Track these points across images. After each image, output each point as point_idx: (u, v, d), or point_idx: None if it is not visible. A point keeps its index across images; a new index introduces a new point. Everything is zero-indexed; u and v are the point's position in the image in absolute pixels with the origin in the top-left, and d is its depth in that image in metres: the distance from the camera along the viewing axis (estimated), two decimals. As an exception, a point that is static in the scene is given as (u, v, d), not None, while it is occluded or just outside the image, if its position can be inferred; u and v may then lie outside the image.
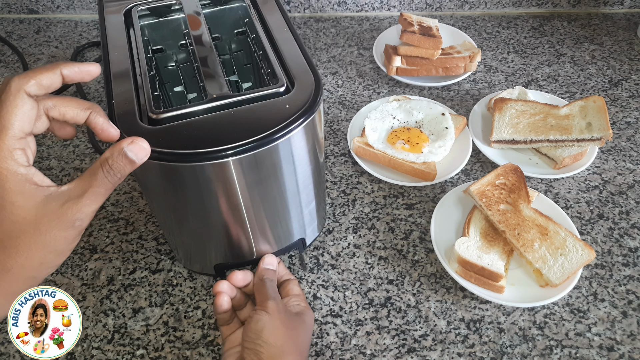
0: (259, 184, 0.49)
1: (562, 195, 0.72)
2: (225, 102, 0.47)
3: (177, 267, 0.64)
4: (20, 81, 0.36)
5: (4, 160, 0.35)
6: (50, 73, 0.37)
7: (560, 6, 1.08)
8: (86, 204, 0.37)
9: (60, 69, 0.38)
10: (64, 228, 0.37)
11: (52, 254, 0.37)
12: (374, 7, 1.07)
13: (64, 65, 0.38)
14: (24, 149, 0.37)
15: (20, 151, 0.36)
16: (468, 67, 0.88)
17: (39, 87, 0.37)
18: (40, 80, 0.37)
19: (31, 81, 0.36)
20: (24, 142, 0.37)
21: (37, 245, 0.36)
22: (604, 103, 0.76)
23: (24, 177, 0.36)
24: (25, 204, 0.36)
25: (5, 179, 0.36)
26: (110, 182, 0.38)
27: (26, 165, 0.37)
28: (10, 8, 1.08)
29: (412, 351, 0.56)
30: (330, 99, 0.88)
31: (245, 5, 0.61)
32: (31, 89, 0.36)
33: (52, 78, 0.37)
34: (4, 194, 0.36)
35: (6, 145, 0.35)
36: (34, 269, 0.37)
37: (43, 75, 0.37)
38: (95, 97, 0.89)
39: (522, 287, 0.60)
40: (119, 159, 0.38)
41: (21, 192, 0.36)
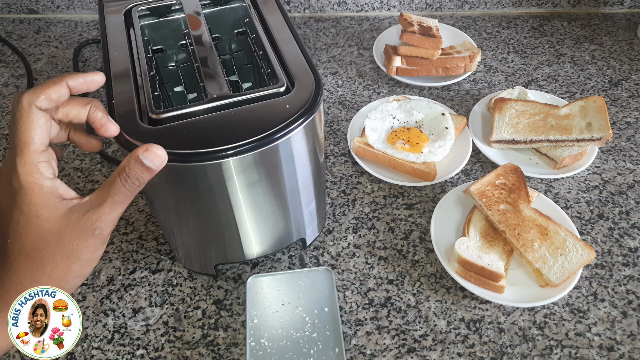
0: (259, 184, 0.49)
1: (562, 195, 0.72)
2: (225, 102, 0.47)
3: (177, 267, 0.64)
4: (30, 97, 0.37)
5: (30, 174, 0.37)
6: (58, 86, 0.38)
7: (560, 6, 1.08)
8: (105, 212, 0.38)
9: (66, 81, 0.39)
10: (85, 237, 0.38)
11: (76, 263, 0.38)
12: (374, 7, 1.07)
13: (70, 77, 0.39)
14: (48, 161, 0.38)
15: (45, 164, 0.38)
16: (468, 67, 0.88)
17: (49, 101, 0.38)
18: (50, 94, 0.38)
19: (41, 96, 0.37)
20: (47, 155, 0.38)
21: (62, 255, 0.38)
22: (604, 103, 0.76)
23: (50, 190, 0.38)
24: (49, 216, 0.37)
25: (32, 192, 0.37)
26: (128, 190, 0.39)
27: (51, 178, 0.38)
28: (10, 8, 1.08)
29: (412, 351, 0.57)
30: (330, 99, 0.88)
31: (245, 5, 0.61)
32: (42, 104, 0.37)
33: (59, 91, 0.38)
34: (30, 208, 0.37)
35: (31, 160, 0.37)
36: (60, 280, 0.38)
37: (51, 89, 0.38)
38: (96, 97, 0.89)
39: (522, 287, 0.60)
40: (135, 167, 0.39)
41: (46, 205, 0.37)
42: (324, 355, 0.52)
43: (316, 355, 0.52)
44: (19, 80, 0.93)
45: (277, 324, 0.55)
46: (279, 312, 0.56)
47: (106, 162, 0.78)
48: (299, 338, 0.53)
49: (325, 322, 0.54)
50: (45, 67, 0.96)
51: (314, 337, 0.53)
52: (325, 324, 0.54)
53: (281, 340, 0.53)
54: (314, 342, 0.53)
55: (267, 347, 0.53)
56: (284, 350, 0.52)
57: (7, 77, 0.94)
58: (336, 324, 0.54)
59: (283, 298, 0.57)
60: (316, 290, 0.57)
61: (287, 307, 0.56)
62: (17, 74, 0.95)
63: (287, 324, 0.55)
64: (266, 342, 0.53)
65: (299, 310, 0.56)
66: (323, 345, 0.52)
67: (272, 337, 0.54)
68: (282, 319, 0.55)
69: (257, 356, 0.52)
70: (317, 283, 0.58)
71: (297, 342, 0.53)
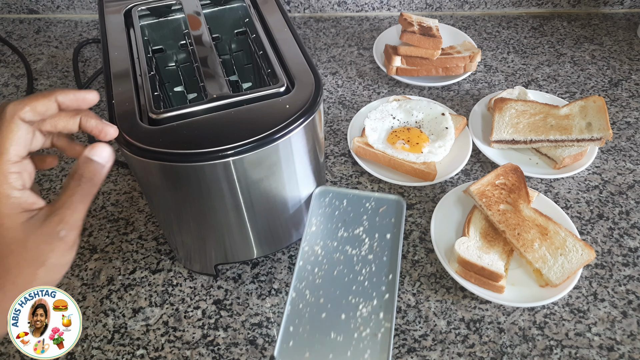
0: (259, 184, 0.49)
1: (562, 195, 0.72)
2: (225, 102, 0.47)
3: (177, 267, 0.64)
4: (15, 107, 0.37)
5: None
6: (46, 100, 0.38)
7: (560, 6, 1.08)
8: (66, 214, 0.38)
9: (56, 96, 0.39)
10: (50, 241, 0.38)
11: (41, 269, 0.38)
12: (374, 7, 1.07)
13: (60, 93, 0.39)
14: (19, 173, 0.38)
15: (15, 175, 0.37)
16: (468, 67, 0.88)
17: (34, 114, 0.38)
18: (35, 107, 0.38)
19: (26, 107, 0.37)
20: (19, 166, 0.38)
21: (26, 261, 0.37)
22: (604, 103, 0.76)
23: (16, 201, 0.37)
24: (12, 224, 0.37)
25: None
26: (85, 189, 0.39)
27: (20, 189, 0.38)
28: (10, 8, 1.08)
29: (412, 351, 0.56)
30: (330, 99, 0.88)
31: (245, 5, 0.61)
32: (26, 115, 0.37)
33: (47, 105, 0.38)
34: None
35: (1, 170, 0.37)
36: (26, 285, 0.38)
37: (39, 102, 0.38)
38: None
39: (522, 287, 0.60)
40: (86, 166, 0.40)
41: (11, 215, 0.37)
42: (375, 278, 0.49)
43: (367, 276, 0.49)
44: (19, 80, 0.93)
45: (335, 237, 0.53)
46: (338, 227, 0.54)
47: (106, 162, 0.78)
48: (353, 256, 0.51)
49: (385, 248, 0.52)
50: (45, 67, 0.96)
51: (369, 258, 0.51)
52: (384, 250, 0.51)
53: (335, 252, 0.52)
54: (368, 263, 0.51)
55: (319, 254, 0.51)
56: (336, 263, 0.51)
57: (7, 77, 0.94)
58: (395, 253, 0.51)
59: (346, 215, 0.55)
60: (382, 216, 0.55)
61: (348, 224, 0.54)
62: (17, 74, 0.95)
63: (345, 239, 0.53)
64: (320, 250, 0.52)
65: (359, 230, 0.54)
66: (377, 268, 0.50)
67: (327, 247, 0.52)
68: (340, 233, 0.53)
69: (308, 260, 0.51)
70: (385, 209, 0.55)
71: (350, 259, 0.51)
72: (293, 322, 0.46)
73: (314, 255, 0.52)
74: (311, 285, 0.49)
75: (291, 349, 0.44)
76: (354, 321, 0.46)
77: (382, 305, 0.47)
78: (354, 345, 0.44)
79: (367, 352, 0.43)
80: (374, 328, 0.45)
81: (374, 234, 0.53)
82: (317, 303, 0.47)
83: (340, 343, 0.44)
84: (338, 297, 0.48)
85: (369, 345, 0.44)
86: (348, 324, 0.46)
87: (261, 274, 0.64)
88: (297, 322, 0.46)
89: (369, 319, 0.46)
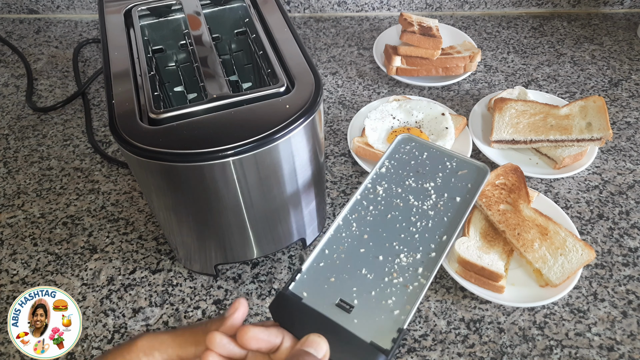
0: (259, 184, 0.49)
1: (562, 195, 0.72)
2: (225, 102, 0.47)
3: (177, 267, 0.64)
4: None
5: None
6: None
7: (560, 6, 1.08)
8: None
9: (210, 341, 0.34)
10: None
11: None
12: (374, 7, 1.07)
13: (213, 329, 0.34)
14: None
15: None
16: (468, 67, 0.88)
17: None
18: None
19: None
20: None
21: None
22: (604, 103, 0.76)
23: None
24: None
25: None
26: None
27: None
28: (10, 8, 1.08)
29: (412, 351, 0.56)
30: (330, 99, 0.88)
31: (245, 5, 0.61)
32: None
33: None
34: None
35: None
36: None
37: None
38: (96, 97, 0.90)
39: (522, 287, 0.60)
40: None
41: None
42: (428, 234, 0.46)
43: (420, 230, 0.46)
44: (19, 80, 0.93)
45: (401, 184, 0.50)
46: (409, 176, 0.51)
47: (106, 162, 0.78)
48: (413, 206, 0.48)
49: (449, 210, 0.48)
50: (45, 67, 0.96)
51: (429, 214, 0.48)
52: (449, 211, 0.48)
53: (396, 198, 0.49)
54: (426, 217, 0.47)
55: (379, 195, 0.49)
56: (393, 207, 0.48)
57: (7, 77, 0.94)
58: (460, 217, 0.47)
59: (421, 167, 0.52)
60: (459, 178, 0.51)
61: (420, 176, 0.51)
62: (17, 74, 0.95)
63: (411, 189, 0.50)
64: (382, 191, 0.49)
65: (429, 185, 0.50)
66: (433, 226, 0.46)
67: (390, 190, 0.49)
68: (408, 182, 0.50)
69: (366, 197, 0.49)
70: (465, 173, 0.51)
71: (409, 208, 0.48)
72: (331, 246, 0.44)
73: (373, 194, 0.49)
74: (361, 219, 0.47)
75: (319, 269, 0.43)
76: (390, 266, 0.43)
77: (425, 261, 0.43)
78: (381, 288, 0.41)
79: (392, 298, 0.40)
80: (408, 279, 0.42)
81: (443, 192, 0.49)
82: (360, 237, 0.45)
83: (368, 281, 0.42)
84: (383, 239, 0.45)
85: (396, 294, 0.41)
86: (383, 266, 0.43)
87: (261, 274, 0.64)
88: (334, 247, 0.44)
89: (406, 269, 0.43)
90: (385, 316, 0.39)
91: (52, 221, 0.70)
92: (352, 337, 0.37)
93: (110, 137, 0.82)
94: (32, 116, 0.86)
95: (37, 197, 0.73)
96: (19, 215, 0.71)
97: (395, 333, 0.37)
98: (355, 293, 0.40)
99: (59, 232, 0.69)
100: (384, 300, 0.40)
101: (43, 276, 0.64)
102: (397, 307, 0.40)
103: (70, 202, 0.72)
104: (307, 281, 0.41)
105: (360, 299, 0.40)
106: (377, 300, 0.40)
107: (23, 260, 0.66)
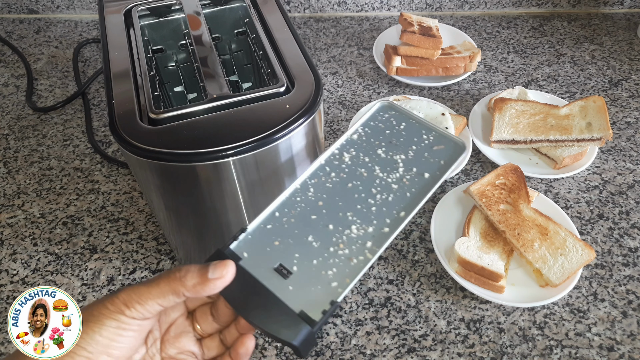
0: (259, 184, 0.49)
1: (562, 195, 0.72)
2: (225, 102, 0.47)
3: (177, 267, 0.64)
4: None
5: None
6: None
7: (560, 6, 1.08)
8: None
9: None
10: None
11: None
12: (374, 7, 1.07)
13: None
14: None
15: None
16: (468, 67, 0.88)
17: None
18: None
19: None
20: None
21: None
22: (604, 103, 0.76)
23: None
24: None
25: None
26: None
27: None
28: (10, 8, 1.08)
29: (412, 351, 0.56)
30: (330, 99, 0.88)
31: (245, 5, 0.61)
32: None
33: None
34: None
35: None
36: None
37: None
38: (96, 97, 0.90)
39: (522, 287, 0.60)
40: None
41: None
42: (386, 208, 0.44)
43: (379, 203, 0.44)
44: (19, 80, 0.93)
45: (370, 154, 0.48)
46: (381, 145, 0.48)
47: (106, 162, 0.78)
48: (377, 177, 0.46)
49: (414, 185, 0.46)
50: (45, 67, 0.96)
51: (392, 187, 0.45)
52: (413, 187, 0.45)
53: (362, 167, 0.47)
54: (387, 191, 0.45)
55: (345, 162, 0.47)
56: (356, 177, 0.46)
57: (7, 77, 0.94)
58: (422, 195, 0.45)
59: (396, 138, 0.49)
60: (433, 154, 0.48)
61: (392, 147, 0.48)
62: (17, 74, 0.95)
63: (379, 160, 0.47)
64: (348, 159, 0.47)
65: (399, 157, 0.48)
66: (393, 200, 0.44)
67: (357, 159, 0.47)
68: (378, 153, 0.48)
69: (330, 163, 0.47)
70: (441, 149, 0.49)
71: (372, 179, 0.46)
72: (283, 209, 0.43)
73: (339, 161, 0.47)
74: (320, 185, 0.45)
75: (265, 231, 0.41)
76: (339, 236, 0.41)
77: (376, 236, 0.41)
78: (324, 258, 0.39)
79: (333, 269, 0.39)
80: (354, 252, 0.40)
81: (412, 167, 0.47)
82: (315, 204, 0.43)
83: (313, 249, 0.40)
84: (338, 207, 0.43)
85: (339, 265, 0.39)
86: (331, 235, 0.41)
87: (261, 274, 0.64)
88: (285, 211, 0.43)
89: (354, 242, 0.41)
90: (321, 287, 0.37)
91: (52, 221, 0.70)
92: (281, 304, 0.36)
93: (110, 137, 0.82)
94: (32, 116, 0.86)
95: (37, 197, 0.73)
96: (19, 215, 0.71)
97: (327, 305, 0.36)
98: (297, 260, 0.39)
99: (59, 232, 0.69)
100: (324, 270, 0.39)
101: (43, 276, 0.64)
102: (336, 279, 0.38)
103: (70, 202, 0.72)
104: (250, 241, 0.40)
105: (300, 266, 0.38)
106: (317, 269, 0.39)
107: (23, 260, 0.66)
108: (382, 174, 0.46)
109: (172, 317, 0.39)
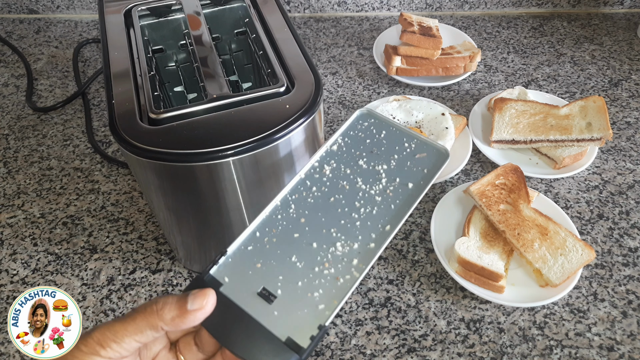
0: (259, 184, 0.49)
1: (562, 195, 0.72)
2: (225, 102, 0.47)
3: (177, 267, 0.64)
4: None
5: None
6: None
7: (560, 6, 1.08)
8: None
9: None
10: None
11: None
12: (374, 7, 1.07)
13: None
14: None
15: None
16: (468, 67, 0.88)
17: None
18: None
19: None
20: None
21: None
22: (604, 103, 0.76)
23: None
24: None
25: None
26: None
27: None
28: (10, 8, 1.08)
29: (412, 351, 0.56)
30: (330, 99, 0.88)
31: (245, 5, 0.62)
32: None
33: None
34: None
35: None
36: None
37: None
38: (96, 97, 0.90)
39: (522, 287, 0.60)
40: None
41: None
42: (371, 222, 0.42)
43: (363, 217, 0.42)
44: (19, 80, 0.93)
45: (352, 165, 0.46)
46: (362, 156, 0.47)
47: (106, 162, 0.78)
48: (359, 190, 0.44)
49: (398, 197, 0.44)
50: (45, 67, 0.96)
51: (376, 200, 0.44)
52: (397, 198, 0.44)
53: (343, 180, 0.45)
54: (372, 203, 0.44)
55: (325, 175, 0.45)
56: (338, 190, 0.44)
57: (7, 77, 0.94)
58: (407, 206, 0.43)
59: (377, 147, 0.47)
60: (416, 162, 0.46)
61: (373, 157, 0.47)
62: (17, 74, 0.95)
63: (361, 171, 0.46)
64: (329, 171, 0.45)
65: (381, 167, 0.46)
66: (378, 214, 0.43)
67: (338, 171, 0.45)
68: (359, 164, 0.46)
69: (311, 176, 0.45)
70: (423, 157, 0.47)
71: (355, 192, 0.44)
72: (263, 228, 0.41)
73: (319, 174, 0.45)
74: (301, 201, 0.43)
75: (246, 253, 0.39)
76: (324, 255, 0.39)
77: (362, 252, 0.39)
78: (310, 279, 0.38)
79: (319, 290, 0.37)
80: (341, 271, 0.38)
81: (395, 177, 0.45)
82: (297, 221, 0.42)
83: (297, 269, 0.39)
84: (321, 224, 0.41)
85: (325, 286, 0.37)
86: (316, 254, 0.40)
87: (261, 274, 0.64)
88: (266, 230, 0.41)
89: (340, 260, 0.39)
90: (308, 310, 0.36)
91: (52, 221, 0.70)
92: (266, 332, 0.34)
93: (110, 137, 0.82)
94: (32, 116, 0.86)
95: (37, 197, 0.73)
96: (19, 215, 0.71)
97: (315, 330, 0.34)
98: (281, 282, 0.37)
99: (59, 232, 0.69)
100: (310, 292, 0.37)
101: (43, 276, 0.64)
102: (322, 301, 0.36)
103: (70, 202, 0.72)
104: (231, 265, 0.38)
105: (284, 289, 0.37)
106: (302, 291, 0.37)
107: (23, 260, 0.66)
108: (364, 186, 0.45)
109: (154, 351, 0.37)
